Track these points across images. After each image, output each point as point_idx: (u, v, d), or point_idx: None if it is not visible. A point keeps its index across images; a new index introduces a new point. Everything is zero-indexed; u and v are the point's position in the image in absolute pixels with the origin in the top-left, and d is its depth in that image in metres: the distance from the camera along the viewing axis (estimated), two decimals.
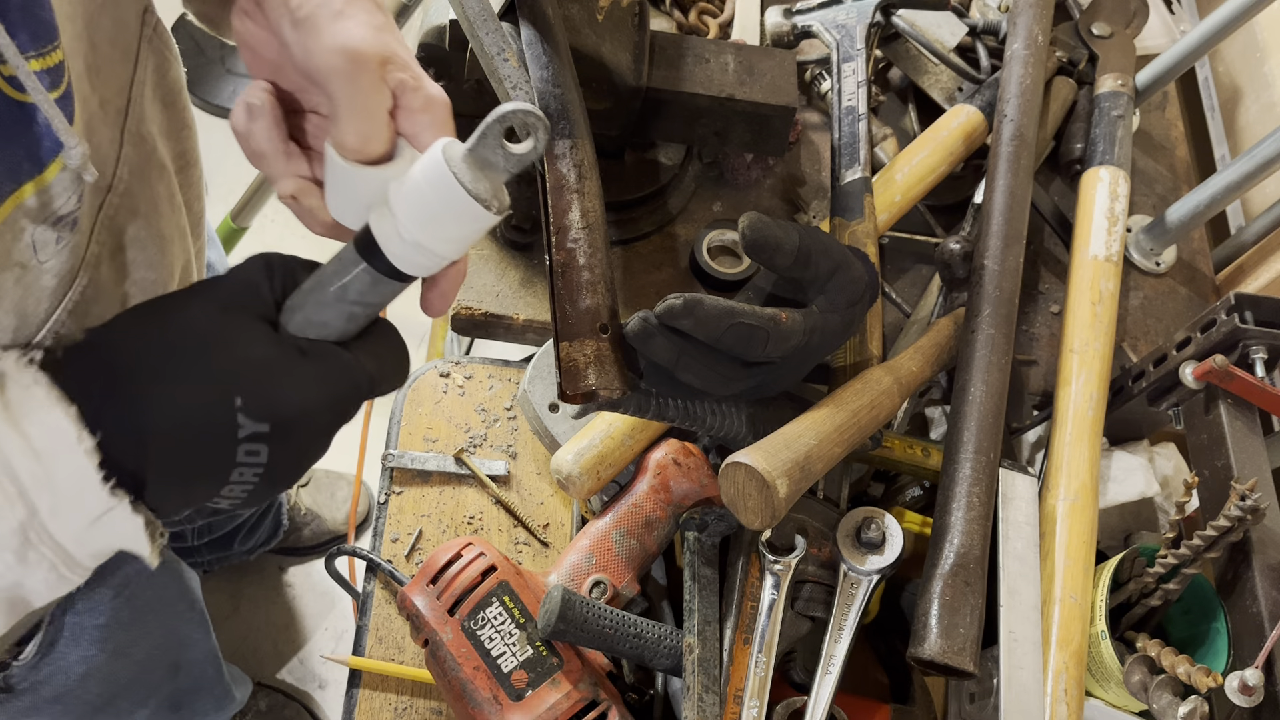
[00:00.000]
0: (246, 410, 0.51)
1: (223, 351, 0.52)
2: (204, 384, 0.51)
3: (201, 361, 0.52)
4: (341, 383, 0.54)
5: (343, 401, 0.55)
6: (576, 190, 0.78)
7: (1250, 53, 1.30)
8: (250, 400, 0.51)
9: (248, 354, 0.52)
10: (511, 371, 1.06)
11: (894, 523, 0.83)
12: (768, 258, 0.77)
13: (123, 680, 1.03)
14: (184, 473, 0.52)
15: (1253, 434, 0.88)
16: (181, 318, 0.53)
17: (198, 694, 1.27)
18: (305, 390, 0.53)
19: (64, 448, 0.49)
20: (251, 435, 0.51)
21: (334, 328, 0.55)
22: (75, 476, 0.49)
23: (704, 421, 0.81)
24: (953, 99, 1.15)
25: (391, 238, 0.52)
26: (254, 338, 0.53)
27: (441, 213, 0.51)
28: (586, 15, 0.94)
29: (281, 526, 1.77)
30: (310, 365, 0.53)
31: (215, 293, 0.55)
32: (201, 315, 0.53)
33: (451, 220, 0.52)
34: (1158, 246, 1.15)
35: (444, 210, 0.51)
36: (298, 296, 0.56)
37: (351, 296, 0.54)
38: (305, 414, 0.53)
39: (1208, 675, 0.75)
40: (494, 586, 0.82)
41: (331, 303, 0.55)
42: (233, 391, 0.51)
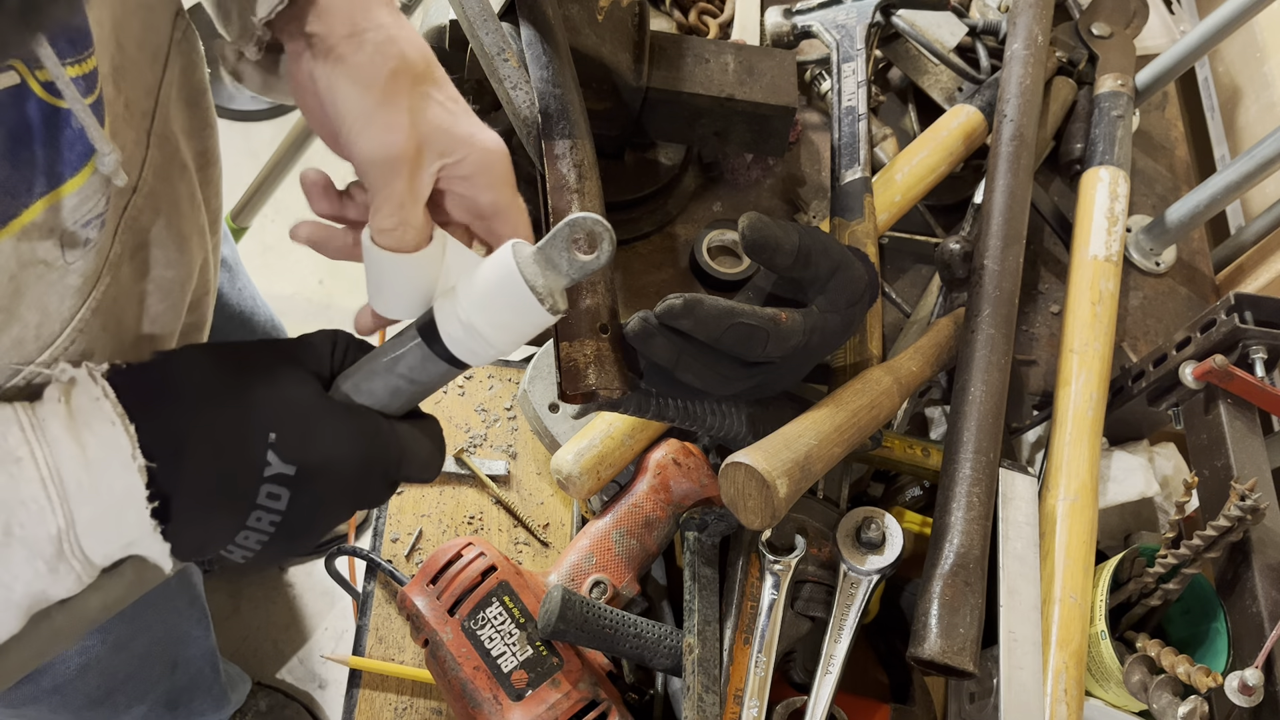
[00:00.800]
0: (278, 448, 0.52)
1: (269, 390, 0.54)
2: (244, 413, 0.52)
3: (248, 393, 0.53)
4: (373, 444, 0.56)
5: (370, 464, 0.56)
6: (576, 190, 0.78)
7: (1250, 53, 1.30)
8: (283, 439, 0.52)
9: (292, 396, 0.54)
10: (511, 371, 1.06)
11: (894, 523, 0.83)
12: (768, 258, 0.77)
13: (121, 674, 1.03)
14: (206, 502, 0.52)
15: (1252, 434, 0.88)
16: (242, 357, 0.55)
17: (194, 693, 1.27)
18: (337, 441, 0.54)
19: (116, 463, 0.50)
20: (276, 476, 0.52)
21: (379, 398, 0.57)
22: (121, 494, 0.50)
23: (704, 421, 0.81)
24: (953, 99, 1.15)
25: (451, 321, 0.55)
26: (302, 386, 0.55)
27: (503, 306, 0.54)
28: (586, 15, 0.94)
29: None
30: (347, 421, 0.55)
31: (279, 346, 0.57)
32: (260, 358, 0.55)
33: (511, 314, 0.54)
34: (1157, 246, 1.15)
35: (505, 304, 0.54)
36: (352, 367, 0.58)
37: (401, 370, 0.56)
38: (331, 464, 0.54)
39: (1207, 675, 0.75)
40: (494, 586, 0.82)
41: (381, 372, 0.56)
42: (269, 427, 0.52)
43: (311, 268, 2.18)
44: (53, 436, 0.50)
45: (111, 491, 0.50)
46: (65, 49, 0.52)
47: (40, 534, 0.49)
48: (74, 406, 0.51)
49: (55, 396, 0.51)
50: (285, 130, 1.84)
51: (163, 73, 0.69)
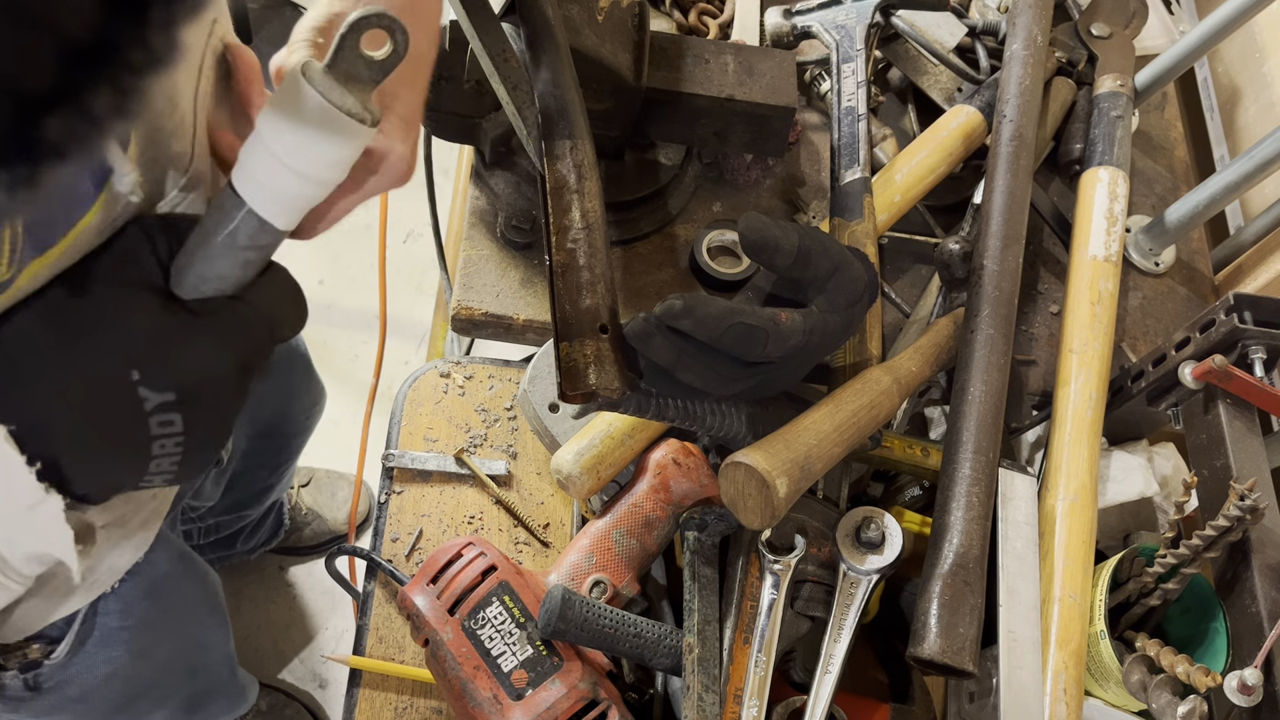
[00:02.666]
0: (146, 382, 0.50)
1: (111, 331, 0.51)
2: (98, 364, 0.50)
3: (91, 342, 0.51)
4: (239, 336, 0.54)
5: (245, 354, 0.54)
6: (576, 190, 0.79)
7: (1249, 53, 1.30)
8: (148, 372, 0.50)
9: (136, 327, 0.51)
10: (511, 371, 1.06)
11: (893, 522, 0.83)
12: (767, 258, 0.77)
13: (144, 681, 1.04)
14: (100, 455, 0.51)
15: (1252, 434, 0.88)
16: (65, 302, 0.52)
17: (213, 696, 1.28)
18: (203, 351, 0.52)
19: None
20: (159, 406, 0.51)
21: (230, 278, 0.53)
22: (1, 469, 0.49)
23: (704, 421, 0.81)
24: (952, 99, 1.15)
25: (269, 170, 0.50)
26: (138, 307, 0.52)
27: (310, 132, 0.49)
28: (586, 15, 0.94)
29: (283, 526, 1.77)
30: (204, 325, 0.52)
31: (98, 272, 0.53)
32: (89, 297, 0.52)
33: (320, 138, 0.50)
34: (1157, 247, 1.15)
35: (311, 129, 0.49)
36: (184, 256, 0.54)
37: (242, 242, 0.52)
38: (206, 375, 0.52)
39: (1207, 675, 0.75)
40: (494, 586, 0.82)
41: (222, 253, 0.53)
42: (128, 365, 0.50)
43: (311, 267, 2.18)
44: None
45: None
46: None
47: None
48: None
49: None
50: None
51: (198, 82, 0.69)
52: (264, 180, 0.50)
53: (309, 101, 0.48)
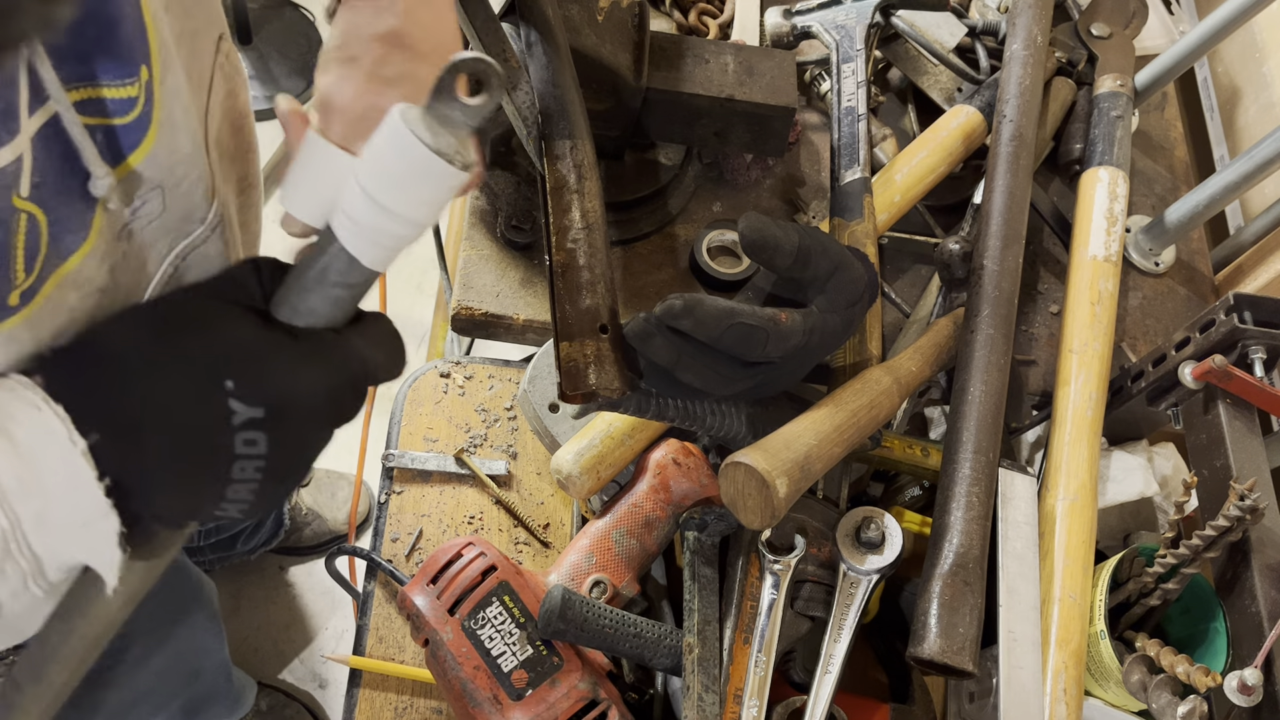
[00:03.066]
0: (239, 394, 0.49)
1: (210, 336, 0.51)
2: (192, 369, 0.50)
3: (189, 348, 0.50)
4: (333, 364, 0.53)
5: (338, 385, 0.53)
6: (576, 190, 0.79)
7: (1249, 53, 1.30)
8: (242, 383, 0.50)
9: (236, 337, 0.51)
10: (511, 371, 1.06)
11: (893, 522, 0.83)
12: (767, 258, 0.77)
13: (141, 689, 1.04)
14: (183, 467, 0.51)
15: (1251, 434, 0.88)
16: (168, 311, 0.52)
17: (210, 701, 1.28)
18: (297, 371, 0.51)
19: (55, 450, 0.48)
20: (247, 422, 0.50)
21: (321, 314, 0.54)
22: (67, 479, 0.48)
23: (704, 421, 0.81)
24: (952, 99, 1.15)
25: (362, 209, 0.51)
26: (241, 322, 0.52)
27: (406, 175, 0.50)
28: (586, 16, 0.94)
29: (283, 526, 1.77)
30: (300, 346, 0.52)
31: (202, 288, 0.54)
32: (189, 306, 0.52)
33: (416, 182, 0.50)
34: (1157, 247, 1.15)
35: (408, 172, 0.50)
36: (282, 289, 0.54)
37: (333, 278, 0.53)
38: (299, 396, 0.51)
39: (1207, 675, 0.76)
40: (494, 586, 0.82)
41: (313, 287, 0.53)
42: (223, 375, 0.49)
43: None
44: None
45: (55, 478, 0.48)
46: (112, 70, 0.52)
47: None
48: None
49: None
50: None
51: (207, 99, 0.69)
52: (357, 218, 0.51)
53: (405, 144, 0.49)
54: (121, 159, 0.56)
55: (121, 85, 0.53)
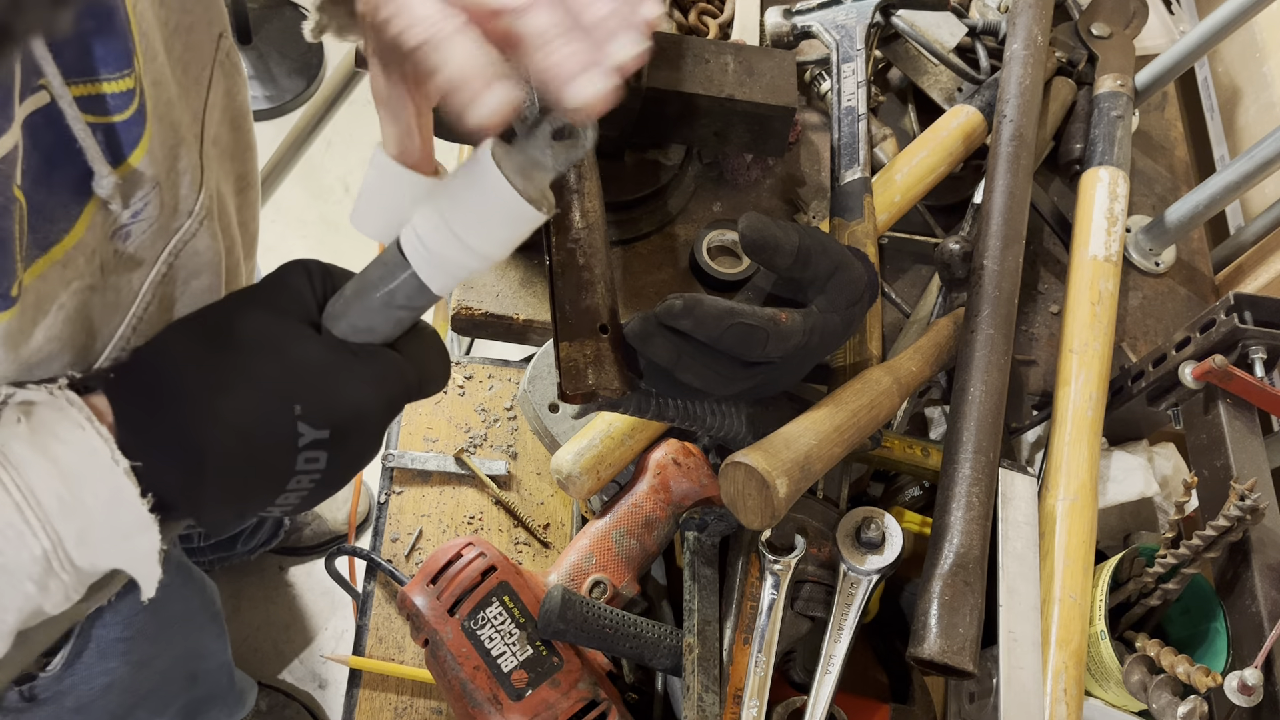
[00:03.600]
0: (306, 418, 0.50)
1: (277, 358, 0.50)
2: (262, 393, 0.49)
3: (256, 370, 0.50)
4: (394, 384, 0.54)
5: (395, 402, 0.54)
6: (576, 190, 0.78)
7: (1249, 53, 1.30)
8: (310, 407, 0.50)
9: (303, 360, 0.51)
10: (511, 371, 1.06)
11: (893, 523, 0.83)
12: (767, 258, 0.77)
13: (143, 691, 1.03)
14: (244, 488, 0.51)
15: (1252, 434, 0.88)
16: (230, 326, 0.51)
17: (212, 703, 1.28)
18: (362, 394, 0.52)
19: (97, 469, 0.48)
20: (312, 443, 0.50)
21: (380, 333, 0.55)
22: (109, 499, 0.48)
23: (704, 421, 0.81)
24: (952, 99, 1.15)
25: (443, 242, 0.51)
26: (305, 342, 0.51)
27: (491, 214, 0.50)
28: None
29: (283, 527, 1.77)
30: (364, 368, 0.52)
31: (260, 299, 0.53)
32: (251, 322, 0.52)
33: (500, 221, 0.51)
34: (1157, 246, 1.15)
35: (493, 212, 0.50)
36: (340, 303, 0.54)
37: (399, 301, 0.53)
38: (362, 416, 0.52)
39: (1207, 675, 0.75)
40: (494, 586, 0.82)
41: (379, 308, 0.53)
42: (293, 399, 0.49)
43: None
44: (18, 458, 0.47)
45: (97, 498, 0.48)
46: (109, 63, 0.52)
47: (24, 558, 0.48)
48: (36, 422, 0.49)
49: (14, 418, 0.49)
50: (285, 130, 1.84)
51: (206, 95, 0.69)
52: (435, 249, 0.51)
53: (493, 183, 0.49)
54: (122, 159, 0.56)
55: (119, 78, 0.53)
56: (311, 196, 2.25)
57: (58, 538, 0.48)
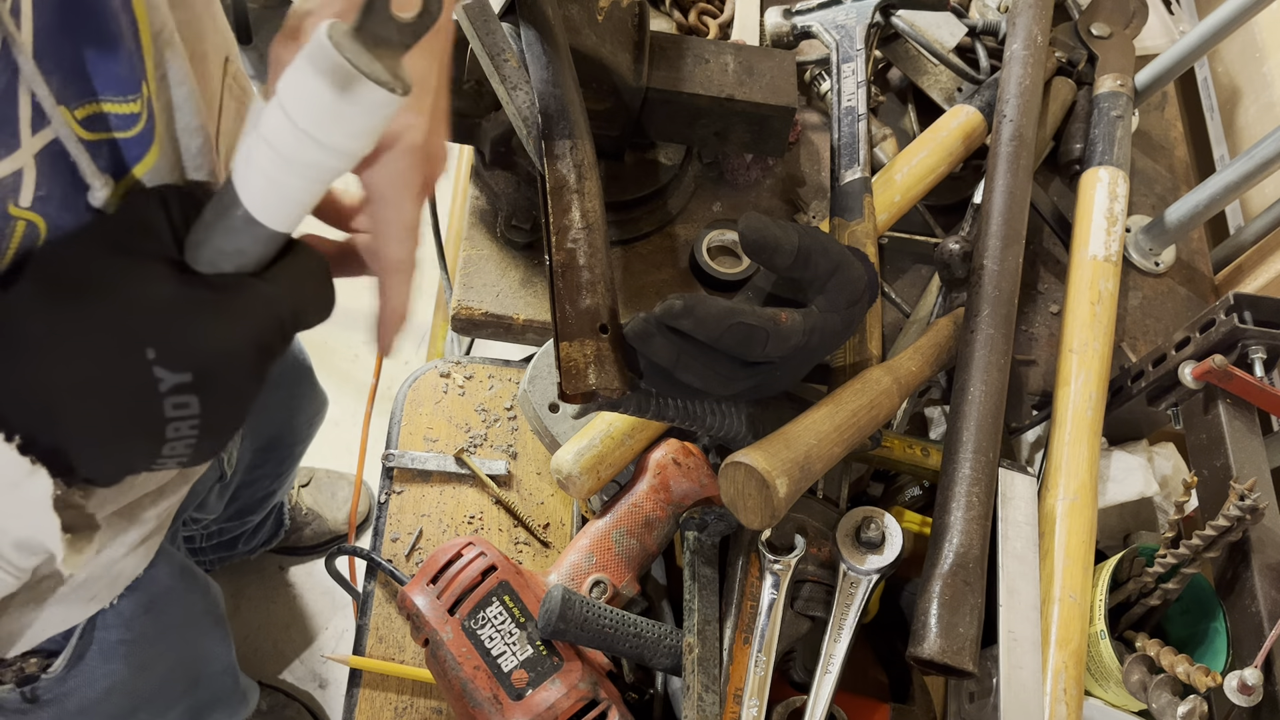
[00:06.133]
0: (162, 362, 0.47)
1: (121, 299, 0.47)
2: (106, 338, 0.47)
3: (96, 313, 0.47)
4: (260, 316, 0.51)
5: (266, 336, 0.51)
6: (576, 190, 0.78)
7: (1249, 53, 1.30)
8: (164, 351, 0.47)
9: (152, 299, 0.48)
10: (511, 371, 1.06)
11: (893, 522, 0.83)
12: (767, 258, 0.77)
13: (145, 693, 1.03)
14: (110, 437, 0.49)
15: (1252, 434, 0.88)
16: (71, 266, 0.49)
17: (215, 706, 1.28)
18: (222, 331, 0.49)
19: None
20: (175, 387, 0.48)
21: (248, 256, 0.50)
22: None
23: (704, 421, 0.81)
24: (952, 99, 1.15)
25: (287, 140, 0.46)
26: (154, 280, 0.48)
27: (337, 101, 0.45)
28: (586, 16, 0.94)
29: (283, 526, 1.77)
30: (224, 302, 0.49)
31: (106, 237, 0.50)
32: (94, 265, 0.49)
33: (350, 109, 0.46)
34: (1157, 246, 1.15)
35: (339, 98, 0.45)
36: (200, 229, 0.50)
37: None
38: (227, 356, 0.49)
39: (1207, 675, 0.76)
40: (494, 586, 0.82)
41: (240, 228, 0.49)
42: (143, 343, 0.47)
43: None
44: None
45: None
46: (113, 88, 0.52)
47: None
48: None
49: None
50: None
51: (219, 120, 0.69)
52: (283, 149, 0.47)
53: (334, 66, 0.45)
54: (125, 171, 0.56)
55: (124, 102, 0.53)
56: None
57: None
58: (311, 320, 0.55)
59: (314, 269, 0.54)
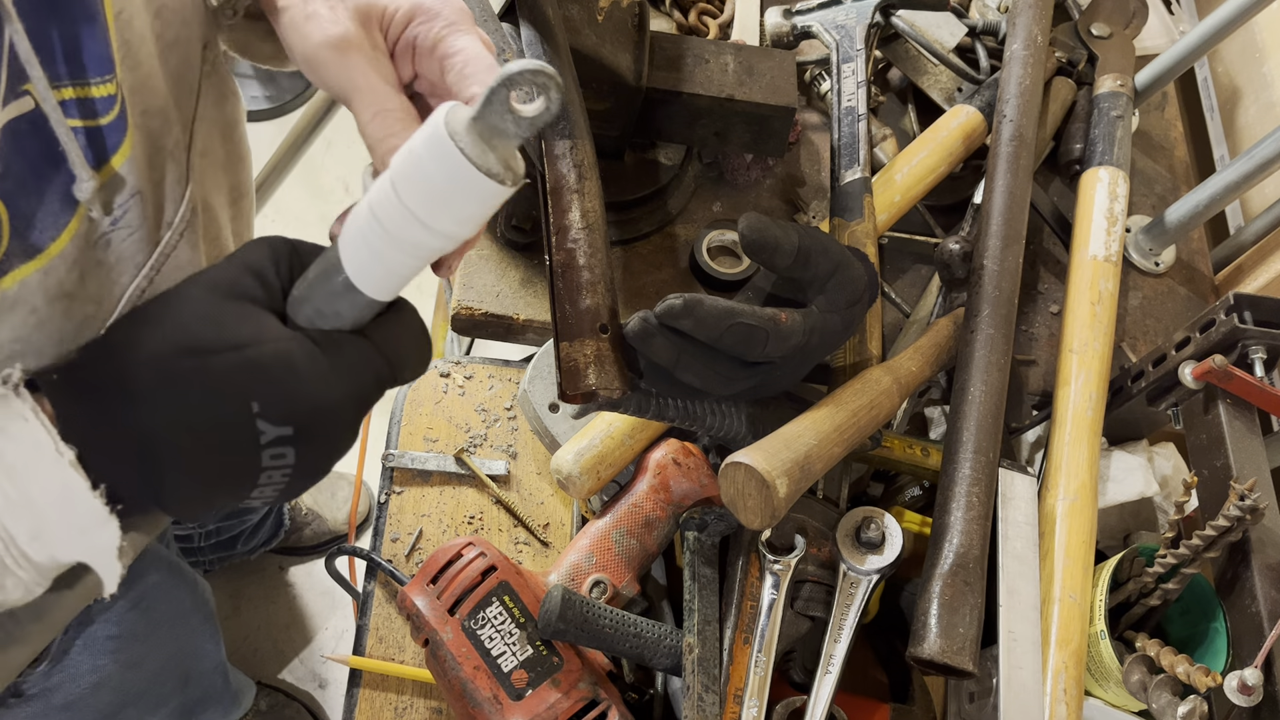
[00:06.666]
0: (266, 415, 0.48)
1: (231, 353, 0.48)
2: (215, 391, 0.48)
3: (208, 365, 0.48)
4: (362, 375, 0.51)
5: (365, 394, 0.52)
6: (576, 190, 0.78)
7: (1249, 53, 1.30)
8: (269, 405, 0.48)
9: (260, 354, 0.49)
10: (511, 371, 1.06)
11: (893, 522, 0.83)
12: (767, 258, 0.77)
13: (134, 690, 1.03)
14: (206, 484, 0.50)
15: (1252, 434, 0.88)
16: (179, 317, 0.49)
17: (206, 704, 1.28)
18: (325, 388, 0.50)
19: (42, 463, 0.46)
20: (275, 440, 0.49)
21: (348, 317, 0.51)
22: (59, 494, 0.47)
23: (704, 421, 0.81)
24: (952, 99, 1.15)
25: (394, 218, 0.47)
26: (264, 334, 0.49)
27: (449, 190, 0.46)
28: (586, 15, 0.94)
29: (283, 526, 1.77)
30: (328, 360, 0.50)
31: (216, 285, 0.51)
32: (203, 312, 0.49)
33: (460, 198, 0.46)
34: (1157, 246, 1.15)
35: (451, 187, 0.46)
36: (304, 286, 0.51)
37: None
38: (328, 413, 0.50)
39: (1207, 675, 0.75)
40: (494, 586, 0.82)
41: (343, 292, 0.50)
42: (250, 396, 0.48)
43: None
44: None
45: (46, 494, 0.47)
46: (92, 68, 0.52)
47: None
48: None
49: None
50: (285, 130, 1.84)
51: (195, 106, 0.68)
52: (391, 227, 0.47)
53: (447, 155, 0.45)
54: (105, 161, 0.55)
55: (104, 82, 0.53)
56: (311, 196, 2.25)
57: (8, 535, 0.47)
58: (407, 377, 0.55)
59: (413, 329, 0.55)
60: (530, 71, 0.44)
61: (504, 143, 0.46)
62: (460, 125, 0.45)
